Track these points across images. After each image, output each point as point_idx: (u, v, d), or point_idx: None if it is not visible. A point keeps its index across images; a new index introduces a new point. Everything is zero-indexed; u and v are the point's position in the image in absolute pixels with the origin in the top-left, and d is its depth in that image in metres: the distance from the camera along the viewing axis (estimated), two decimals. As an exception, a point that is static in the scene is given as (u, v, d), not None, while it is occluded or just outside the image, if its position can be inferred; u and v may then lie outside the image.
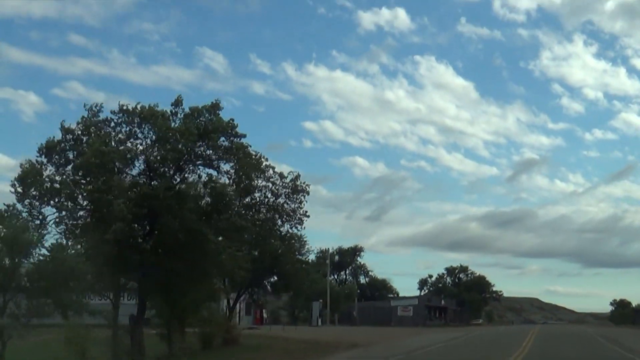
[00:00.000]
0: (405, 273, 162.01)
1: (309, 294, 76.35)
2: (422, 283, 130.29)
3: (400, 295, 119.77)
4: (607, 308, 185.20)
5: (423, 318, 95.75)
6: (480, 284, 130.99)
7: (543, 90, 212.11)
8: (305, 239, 41.53)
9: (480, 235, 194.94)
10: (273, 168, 27.55)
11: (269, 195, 27.82)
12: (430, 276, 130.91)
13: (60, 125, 23.82)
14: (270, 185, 27.61)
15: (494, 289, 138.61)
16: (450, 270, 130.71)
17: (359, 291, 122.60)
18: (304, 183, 27.88)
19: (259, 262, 34.66)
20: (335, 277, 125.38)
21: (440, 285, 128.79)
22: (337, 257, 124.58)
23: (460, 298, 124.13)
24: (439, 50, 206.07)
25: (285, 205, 27.96)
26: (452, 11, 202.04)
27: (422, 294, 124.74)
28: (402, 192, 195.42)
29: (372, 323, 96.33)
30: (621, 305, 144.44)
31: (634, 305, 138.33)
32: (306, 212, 28.44)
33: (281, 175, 27.78)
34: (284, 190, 27.77)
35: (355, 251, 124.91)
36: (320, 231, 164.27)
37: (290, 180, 28.17)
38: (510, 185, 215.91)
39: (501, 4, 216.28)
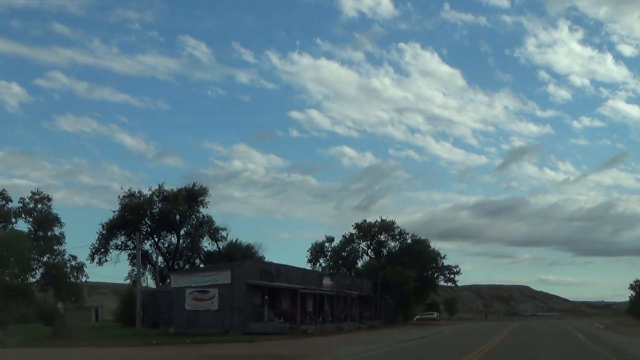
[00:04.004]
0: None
1: None
2: (316, 252, 74.33)
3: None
4: (602, 297, 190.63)
5: (245, 316, 41.00)
6: (419, 254, 75.36)
7: (530, 77, 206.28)
8: None
9: (470, 225, 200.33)
10: None
11: None
12: (330, 240, 74.95)
13: None
14: None
15: (445, 262, 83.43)
16: (363, 228, 74.42)
17: (187, 265, 67.93)
18: None
19: None
20: (155, 240, 69.93)
21: (345, 253, 73.24)
22: (157, 206, 68.91)
23: (379, 275, 69.05)
24: (424, 37, 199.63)
25: None
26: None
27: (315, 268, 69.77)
28: (391, 181, 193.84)
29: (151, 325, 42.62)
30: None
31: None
32: None
33: None
34: None
35: (192, 195, 68.90)
36: (311, 221, 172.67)
37: None
38: (500, 174, 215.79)
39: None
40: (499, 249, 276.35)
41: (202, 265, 69.96)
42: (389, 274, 71.11)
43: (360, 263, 76.31)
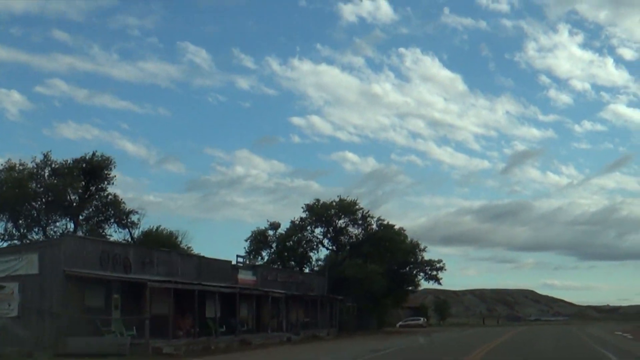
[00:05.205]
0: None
1: None
2: (257, 242, 58.30)
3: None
4: (607, 301, 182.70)
5: (63, 326, 25.19)
6: (388, 243, 59.28)
7: (530, 82, 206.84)
8: None
9: (474, 229, 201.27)
10: None
11: None
12: (275, 227, 58.76)
13: None
14: None
15: (426, 255, 67.39)
16: (316, 211, 58.15)
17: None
18: None
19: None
20: (44, 226, 53.92)
21: (290, 243, 57.23)
22: (45, 183, 52.77)
23: (327, 270, 53.12)
24: (424, 41, 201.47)
25: None
26: (434, 1, 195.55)
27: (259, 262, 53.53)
28: (394, 186, 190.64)
29: None
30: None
31: None
32: None
33: None
34: None
35: (93, 169, 52.98)
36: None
37: None
38: (504, 178, 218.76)
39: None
40: (502, 253, 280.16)
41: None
42: (348, 269, 55.21)
43: (314, 256, 60.45)
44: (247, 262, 43.38)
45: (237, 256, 41.56)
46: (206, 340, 30.82)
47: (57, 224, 54.31)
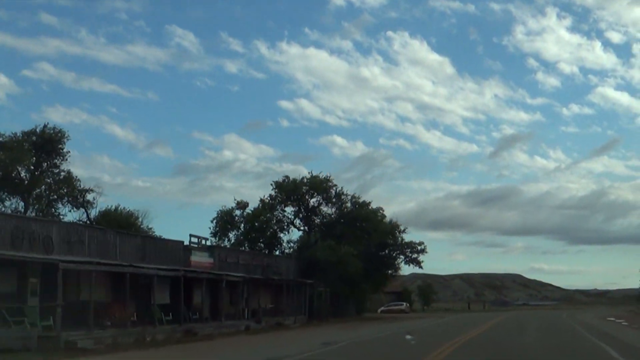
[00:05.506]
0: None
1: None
2: (224, 223, 54.43)
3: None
4: (594, 285, 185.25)
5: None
6: (364, 223, 55.50)
7: (519, 65, 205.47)
8: None
9: (462, 214, 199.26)
10: None
11: None
12: (243, 206, 54.92)
13: None
14: None
15: (407, 237, 63.67)
16: (286, 188, 54.28)
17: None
18: None
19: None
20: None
21: (258, 224, 53.34)
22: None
23: (294, 252, 49.48)
24: (413, 25, 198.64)
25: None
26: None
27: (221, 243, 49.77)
28: (383, 170, 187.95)
29: None
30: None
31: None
32: None
33: None
34: None
35: (44, 143, 49.09)
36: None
37: None
38: (492, 162, 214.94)
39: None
40: (491, 238, 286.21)
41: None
42: (320, 251, 51.45)
43: (285, 237, 56.70)
44: (204, 242, 39.33)
45: (191, 236, 37.54)
46: (141, 331, 26.94)
47: (6, 202, 50.48)
